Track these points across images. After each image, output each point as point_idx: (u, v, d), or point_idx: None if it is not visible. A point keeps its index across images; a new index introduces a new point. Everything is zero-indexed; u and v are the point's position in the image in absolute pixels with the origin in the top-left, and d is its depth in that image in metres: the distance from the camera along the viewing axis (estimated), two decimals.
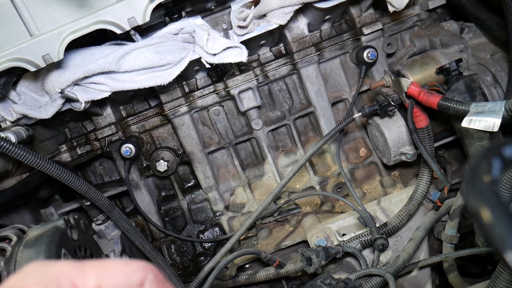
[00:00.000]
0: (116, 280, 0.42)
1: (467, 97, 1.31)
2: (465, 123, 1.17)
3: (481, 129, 1.15)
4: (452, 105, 1.23)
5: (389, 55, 1.67)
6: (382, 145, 1.55)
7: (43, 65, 1.20)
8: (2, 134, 1.25)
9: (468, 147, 1.38)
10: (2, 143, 1.15)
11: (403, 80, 1.37)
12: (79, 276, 0.41)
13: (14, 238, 1.17)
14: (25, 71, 1.28)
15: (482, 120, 1.14)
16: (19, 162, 1.43)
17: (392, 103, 1.42)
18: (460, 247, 1.54)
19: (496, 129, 1.13)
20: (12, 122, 1.41)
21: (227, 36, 1.40)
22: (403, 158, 1.52)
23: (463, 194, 1.42)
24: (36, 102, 1.39)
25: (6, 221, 1.47)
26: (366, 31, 1.57)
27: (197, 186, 1.73)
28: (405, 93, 1.37)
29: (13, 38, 1.18)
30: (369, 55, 1.55)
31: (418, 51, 1.64)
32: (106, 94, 1.38)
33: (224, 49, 1.33)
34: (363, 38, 1.58)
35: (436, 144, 1.50)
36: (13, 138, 1.31)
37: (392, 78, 1.44)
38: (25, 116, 1.40)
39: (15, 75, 1.32)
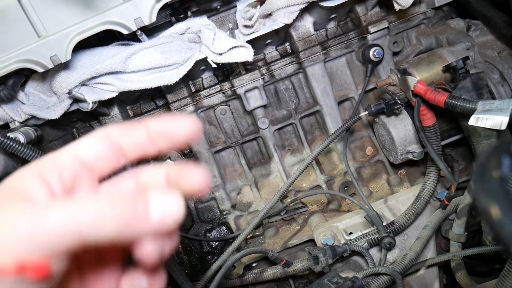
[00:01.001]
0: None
1: (474, 95, 1.31)
2: (472, 121, 1.17)
3: (489, 127, 1.14)
4: (459, 103, 1.23)
5: (395, 54, 1.67)
6: (389, 143, 1.55)
7: (51, 66, 1.20)
8: (11, 135, 1.26)
9: (476, 145, 1.38)
10: (11, 143, 1.16)
11: (409, 79, 1.37)
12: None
13: None
14: (33, 72, 1.29)
15: (490, 118, 1.14)
16: (28, 162, 1.44)
17: (399, 102, 1.41)
18: (467, 246, 1.53)
19: (503, 127, 1.12)
20: (21, 123, 1.42)
21: (233, 35, 1.41)
22: (410, 156, 1.52)
23: (471, 192, 1.42)
24: (44, 103, 1.40)
25: None
26: (372, 29, 1.57)
27: None
28: (412, 91, 1.36)
29: (21, 40, 1.19)
30: (375, 53, 1.54)
31: (425, 49, 1.64)
32: (113, 94, 1.39)
33: (230, 49, 1.34)
34: (369, 37, 1.58)
35: (443, 143, 1.50)
36: (22, 139, 1.32)
37: (399, 76, 1.44)
38: (33, 117, 1.41)
39: (23, 76, 1.33)
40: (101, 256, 0.45)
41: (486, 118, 1.14)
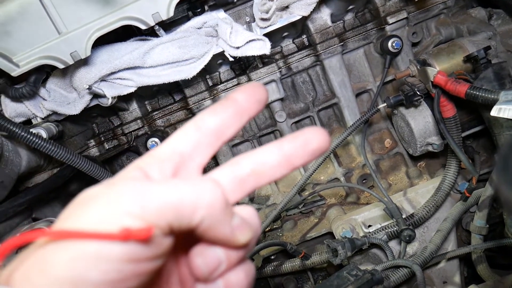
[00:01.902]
0: None
1: (496, 86, 1.28)
2: (494, 112, 1.15)
3: (511, 118, 1.12)
4: (480, 93, 1.20)
5: (414, 44, 1.64)
6: (408, 135, 1.53)
7: (71, 62, 1.23)
8: (34, 131, 1.29)
9: (498, 137, 1.35)
10: (34, 139, 1.19)
11: (429, 69, 1.35)
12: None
13: None
14: (54, 68, 1.31)
15: None
16: (50, 157, 1.47)
17: (418, 93, 1.39)
18: (489, 238, 1.51)
19: None
20: (43, 119, 1.45)
21: (250, 29, 1.41)
22: (430, 148, 1.50)
23: (493, 183, 1.39)
24: (65, 99, 1.42)
25: (39, 215, 1.52)
26: (390, 20, 1.54)
27: None
28: (432, 82, 1.34)
29: (42, 37, 1.21)
30: (393, 44, 1.52)
31: (445, 39, 1.61)
32: (132, 89, 1.40)
33: (247, 42, 1.34)
34: (388, 28, 1.56)
35: (463, 134, 1.47)
36: (44, 134, 1.34)
37: (418, 67, 1.42)
38: (54, 113, 1.44)
39: (44, 72, 1.35)
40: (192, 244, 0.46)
41: (509, 109, 1.12)
